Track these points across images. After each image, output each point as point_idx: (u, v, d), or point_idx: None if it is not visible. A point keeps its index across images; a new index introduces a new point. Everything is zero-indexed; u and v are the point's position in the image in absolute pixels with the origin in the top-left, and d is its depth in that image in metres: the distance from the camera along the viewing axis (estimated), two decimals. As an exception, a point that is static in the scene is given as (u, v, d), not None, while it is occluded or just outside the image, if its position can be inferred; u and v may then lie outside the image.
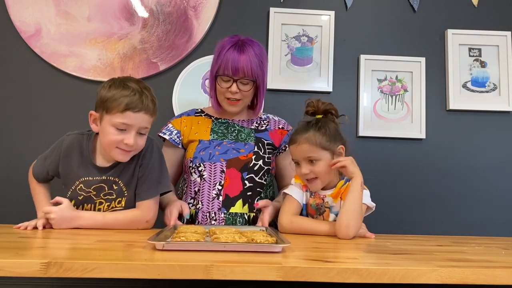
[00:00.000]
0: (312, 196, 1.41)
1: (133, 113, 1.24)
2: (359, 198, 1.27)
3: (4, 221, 1.40)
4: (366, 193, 1.35)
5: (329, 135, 1.37)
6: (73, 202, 1.35)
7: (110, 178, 1.36)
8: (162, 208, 1.47)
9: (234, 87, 1.52)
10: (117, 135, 1.25)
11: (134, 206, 1.36)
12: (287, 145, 1.61)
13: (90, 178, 1.34)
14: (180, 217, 1.42)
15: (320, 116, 1.41)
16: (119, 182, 1.36)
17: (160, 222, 1.40)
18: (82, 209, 1.35)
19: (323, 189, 1.41)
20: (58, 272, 0.72)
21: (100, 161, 1.36)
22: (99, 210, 1.35)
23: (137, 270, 0.74)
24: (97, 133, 1.37)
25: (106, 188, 1.35)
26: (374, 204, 1.35)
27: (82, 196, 1.35)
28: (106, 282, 0.93)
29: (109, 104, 1.24)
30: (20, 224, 1.25)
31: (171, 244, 0.89)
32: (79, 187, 1.35)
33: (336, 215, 1.36)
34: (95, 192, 1.35)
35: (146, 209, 1.33)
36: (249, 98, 1.59)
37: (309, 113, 1.43)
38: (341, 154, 1.39)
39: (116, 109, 1.23)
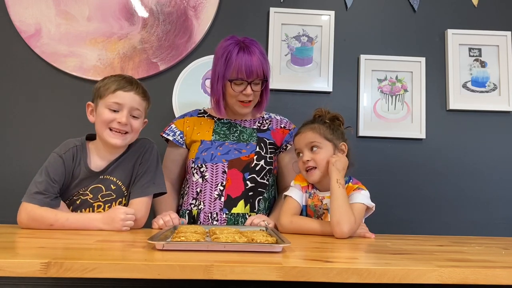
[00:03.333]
0: (311, 197, 1.42)
1: (124, 92, 1.32)
2: (341, 194, 1.28)
3: (4, 221, 1.40)
4: (365, 193, 1.35)
5: (334, 130, 1.42)
6: (70, 209, 1.35)
7: (106, 177, 1.35)
8: (155, 213, 1.49)
9: (248, 90, 1.52)
10: (110, 115, 1.32)
11: None
12: (288, 144, 1.62)
13: (85, 179, 1.34)
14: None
15: (327, 121, 1.44)
16: (117, 181, 1.36)
17: (148, 224, 1.39)
18: None
19: (322, 190, 1.42)
20: (58, 272, 0.72)
21: (98, 163, 1.36)
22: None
23: (137, 270, 0.74)
24: (89, 139, 1.40)
25: (104, 189, 1.35)
26: (374, 204, 1.35)
27: (79, 200, 1.34)
28: (106, 282, 0.93)
29: (102, 89, 1.33)
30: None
31: (171, 244, 0.89)
32: (75, 191, 1.34)
33: None
34: (91, 195, 1.34)
35: (138, 207, 1.32)
36: (258, 97, 1.60)
37: (316, 117, 1.46)
38: (343, 151, 1.40)
39: (107, 91, 1.32)
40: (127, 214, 1.24)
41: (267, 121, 1.67)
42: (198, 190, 1.53)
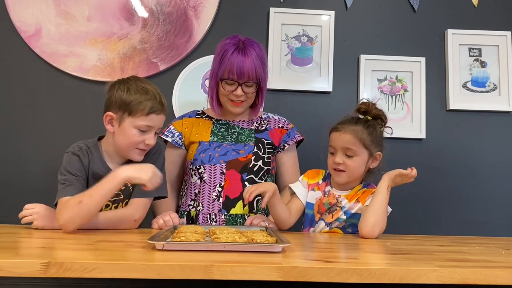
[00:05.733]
0: (326, 195, 1.42)
1: (156, 115, 1.31)
2: (386, 200, 1.30)
3: (4, 221, 1.40)
4: None
5: (375, 137, 1.38)
6: None
7: None
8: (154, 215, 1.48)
9: (239, 91, 1.52)
10: (139, 136, 1.30)
11: None
12: (286, 144, 1.62)
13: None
14: None
15: (370, 118, 1.41)
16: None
17: (148, 224, 1.38)
18: None
19: (339, 189, 1.43)
20: (58, 272, 0.72)
21: (110, 165, 1.36)
22: None
23: (137, 270, 0.74)
24: (99, 140, 1.38)
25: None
26: (391, 209, 1.36)
27: None
28: (106, 282, 0.93)
29: (133, 107, 1.28)
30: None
31: (171, 244, 0.89)
32: None
33: (346, 213, 1.39)
34: None
35: (136, 207, 1.32)
36: (252, 98, 1.59)
37: (361, 111, 1.43)
38: (376, 160, 1.41)
39: (140, 113, 1.28)
40: (157, 175, 1.22)
41: (265, 121, 1.67)
42: (197, 191, 1.53)
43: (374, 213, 1.27)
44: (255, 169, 1.54)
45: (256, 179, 1.54)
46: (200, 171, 1.53)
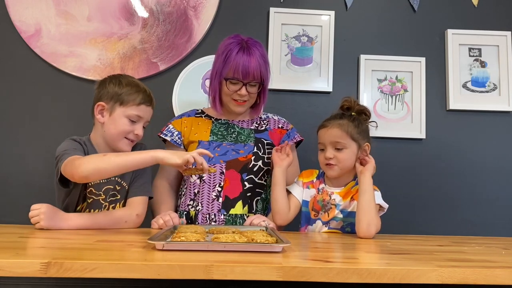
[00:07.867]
0: (320, 193, 1.44)
1: (146, 107, 1.38)
2: (373, 198, 1.31)
3: (4, 221, 1.40)
4: (378, 194, 1.38)
5: (361, 129, 1.41)
6: (84, 205, 1.34)
7: (115, 178, 1.36)
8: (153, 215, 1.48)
9: (243, 90, 1.52)
10: (129, 126, 1.35)
11: None
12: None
13: (100, 181, 1.34)
14: None
15: (354, 114, 1.44)
16: (122, 182, 1.37)
17: (148, 224, 1.38)
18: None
19: (332, 186, 1.44)
20: (58, 272, 0.72)
21: None
22: None
23: (137, 270, 0.74)
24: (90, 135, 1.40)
25: (111, 189, 1.36)
26: (387, 205, 1.36)
27: (91, 199, 1.34)
28: (106, 282, 0.93)
29: (125, 97, 1.35)
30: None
31: (171, 244, 0.89)
32: (89, 190, 1.34)
33: (342, 212, 1.39)
34: (104, 196, 1.35)
35: (136, 204, 1.34)
36: (254, 98, 1.60)
37: (344, 107, 1.46)
38: (365, 152, 1.43)
39: (132, 102, 1.35)
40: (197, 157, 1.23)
41: (264, 121, 1.67)
42: (196, 191, 1.53)
43: (365, 213, 1.28)
44: (255, 169, 1.54)
45: (256, 179, 1.54)
46: None
